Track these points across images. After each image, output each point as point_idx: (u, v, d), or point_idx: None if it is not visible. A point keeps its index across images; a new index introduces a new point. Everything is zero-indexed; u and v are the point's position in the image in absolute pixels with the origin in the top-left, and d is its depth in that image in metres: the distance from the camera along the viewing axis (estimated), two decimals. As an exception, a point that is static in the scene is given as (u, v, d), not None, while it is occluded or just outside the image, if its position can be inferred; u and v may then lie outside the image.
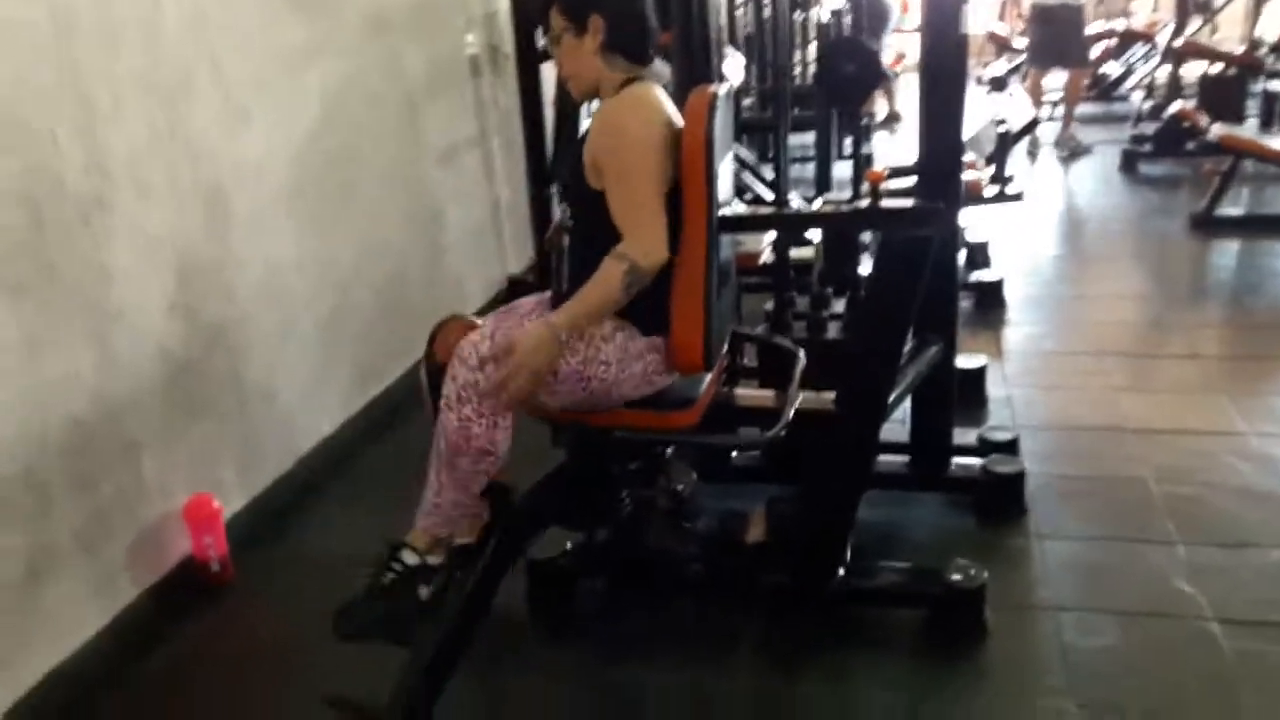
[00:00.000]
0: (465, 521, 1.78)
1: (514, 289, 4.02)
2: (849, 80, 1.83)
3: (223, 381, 2.37)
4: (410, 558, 1.74)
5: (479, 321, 1.91)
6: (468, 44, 3.63)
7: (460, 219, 3.63)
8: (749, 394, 2.10)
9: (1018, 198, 3.08)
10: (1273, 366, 3.18)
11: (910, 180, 2.32)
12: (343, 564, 1.84)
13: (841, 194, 2.72)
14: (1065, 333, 3.51)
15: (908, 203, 1.91)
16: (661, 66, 1.91)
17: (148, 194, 2.11)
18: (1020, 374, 3.14)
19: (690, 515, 2.11)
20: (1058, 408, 2.92)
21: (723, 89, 1.78)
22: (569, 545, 2.13)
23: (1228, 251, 4.35)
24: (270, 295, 2.52)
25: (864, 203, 1.82)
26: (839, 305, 2.82)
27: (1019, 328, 3.56)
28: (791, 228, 1.86)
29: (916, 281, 1.76)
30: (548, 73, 3.66)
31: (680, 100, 1.74)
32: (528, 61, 3.51)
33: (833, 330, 2.74)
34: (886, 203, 1.80)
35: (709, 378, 1.85)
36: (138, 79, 2.07)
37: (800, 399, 1.88)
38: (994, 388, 3.03)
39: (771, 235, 2.78)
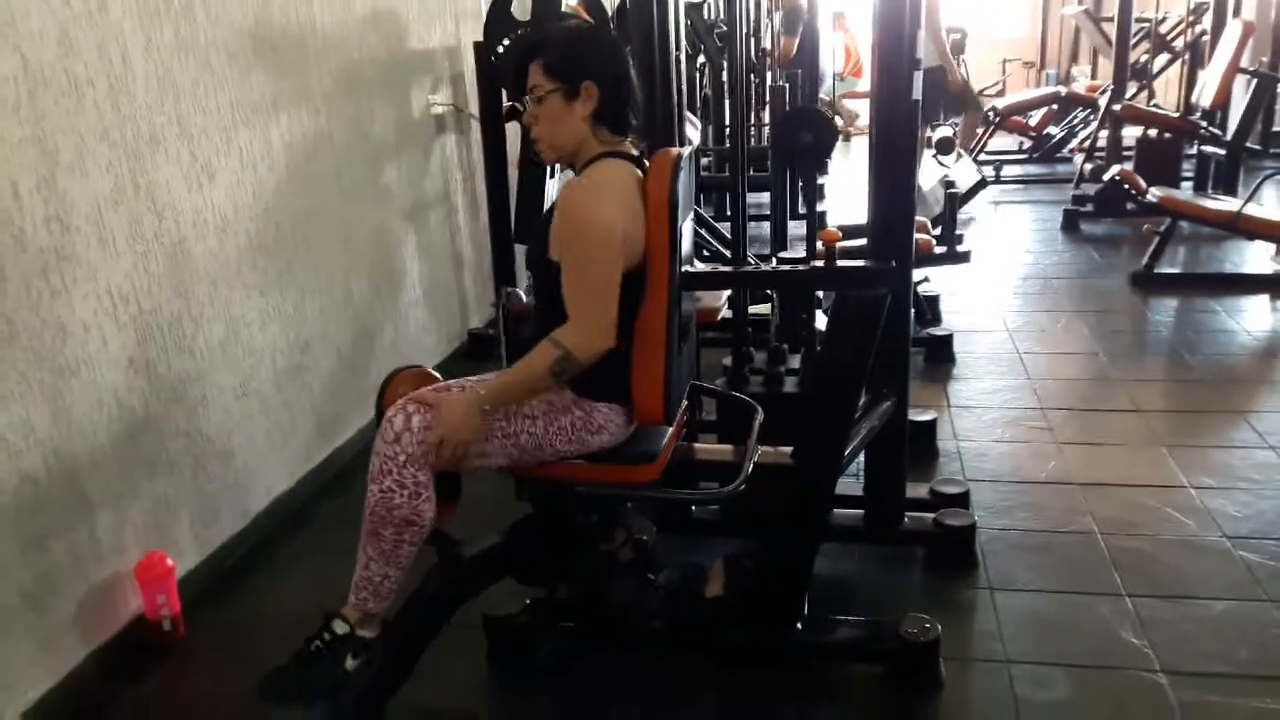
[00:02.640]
0: (396, 596, 1.79)
1: (475, 343, 4.05)
2: (806, 149, 1.90)
3: (180, 438, 2.35)
4: (340, 627, 1.77)
5: (434, 372, 1.95)
6: (434, 103, 3.68)
7: (423, 274, 3.65)
8: (708, 448, 2.13)
9: (966, 258, 3.18)
10: (1209, 420, 3.29)
11: (862, 240, 2.41)
12: (295, 623, 1.84)
13: (796, 252, 2.80)
14: (1013, 387, 3.60)
15: (860, 263, 1.98)
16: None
17: (109, 248, 2.12)
18: (970, 427, 3.22)
19: (650, 569, 2.13)
20: (1007, 461, 3.00)
21: (685, 151, 1.84)
22: (528, 601, 2.13)
23: (1166, 308, 4.51)
24: (231, 351, 2.52)
25: (819, 263, 1.88)
26: (795, 360, 2.88)
27: (968, 381, 3.65)
28: (749, 286, 1.91)
29: (870, 339, 1.81)
30: (512, 132, 3.75)
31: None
32: (493, 122, 3.58)
33: (789, 385, 2.79)
34: (841, 263, 1.86)
35: (670, 432, 1.89)
36: (103, 133, 2.09)
37: (758, 453, 1.93)
38: (944, 441, 3.10)
39: (729, 291, 2.86)
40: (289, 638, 1.79)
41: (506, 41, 2.92)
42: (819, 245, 1.92)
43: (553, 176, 3.06)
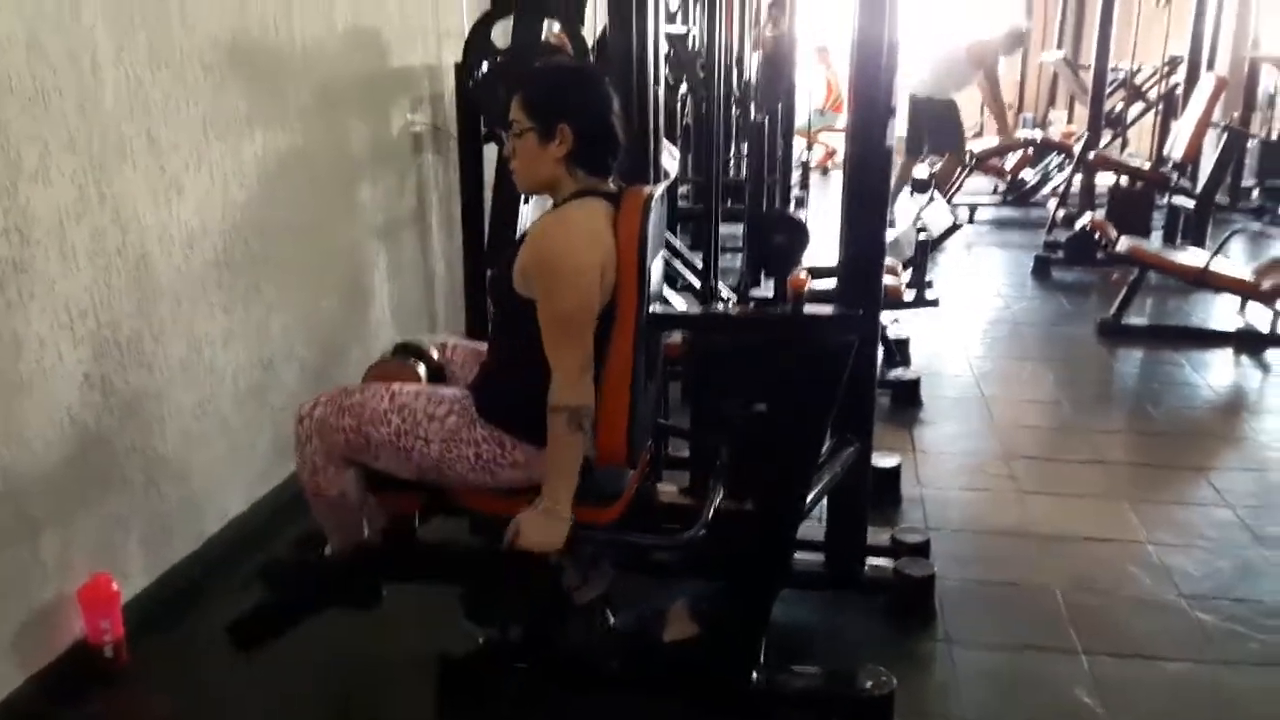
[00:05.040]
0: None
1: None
2: (779, 250, 1.91)
3: (135, 456, 2.30)
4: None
5: (417, 367, 1.96)
6: (412, 122, 3.66)
7: (395, 294, 3.62)
8: (670, 490, 2.12)
9: (935, 304, 3.20)
10: (1170, 475, 3.32)
11: (831, 281, 2.41)
12: (242, 652, 1.83)
13: (766, 290, 2.81)
14: (978, 434, 3.62)
15: (828, 310, 1.98)
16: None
17: (70, 261, 2.07)
18: (934, 474, 3.22)
19: (608, 611, 2.11)
20: (969, 510, 3.00)
21: (657, 190, 1.83)
22: (481, 641, 2.09)
23: (1132, 359, 4.56)
24: (192, 369, 2.47)
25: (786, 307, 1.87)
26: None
27: (934, 427, 3.66)
28: (716, 330, 1.91)
29: (836, 386, 1.81)
30: (489, 154, 3.73)
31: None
32: (470, 143, 3.57)
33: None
34: (808, 309, 1.86)
35: (632, 473, 1.87)
36: (69, 143, 2.05)
37: (720, 497, 1.91)
38: (908, 487, 3.10)
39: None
40: (235, 667, 1.76)
41: (485, 66, 2.91)
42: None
43: (526, 202, 3.05)
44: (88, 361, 2.14)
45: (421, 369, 1.97)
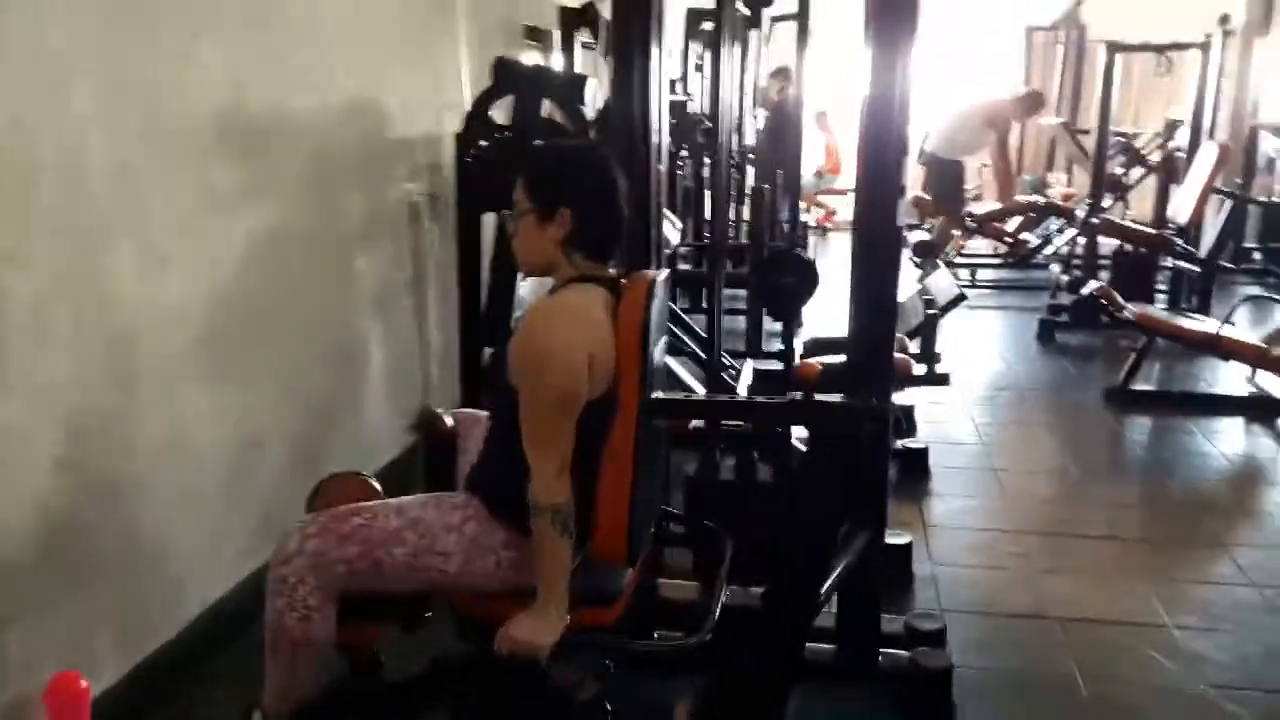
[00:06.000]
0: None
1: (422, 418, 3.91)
2: (788, 292, 1.84)
3: (109, 544, 2.19)
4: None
5: (373, 482, 1.87)
6: (409, 191, 3.61)
7: (387, 365, 3.54)
8: (673, 586, 2.02)
9: (945, 380, 3.11)
10: (1188, 552, 3.20)
11: (836, 356, 2.33)
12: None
13: (770, 362, 2.74)
14: (988, 507, 3.51)
15: (839, 398, 1.89)
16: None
17: (46, 342, 1.99)
18: (945, 551, 3.11)
19: (607, 709, 1.98)
20: (983, 590, 2.88)
21: (660, 275, 1.76)
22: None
23: (1142, 426, 4.47)
24: (173, 451, 2.37)
25: (797, 395, 1.79)
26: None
27: (943, 499, 3.55)
28: (723, 417, 1.82)
29: (851, 478, 1.72)
30: (487, 222, 3.68)
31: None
32: (467, 211, 3.51)
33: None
34: (820, 398, 1.77)
35: (630, 572, 1.77)
36: (50, 221, 1.98)
37: (725, 593, 1.81)
38: (919, 564, 2.98)
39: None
40: None
41: (484, 143, 2.87)
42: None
43: (524, 279, 2.99)
44: (60, 446, 2.04)
45: (376, 483, 1.87)
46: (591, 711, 1.94)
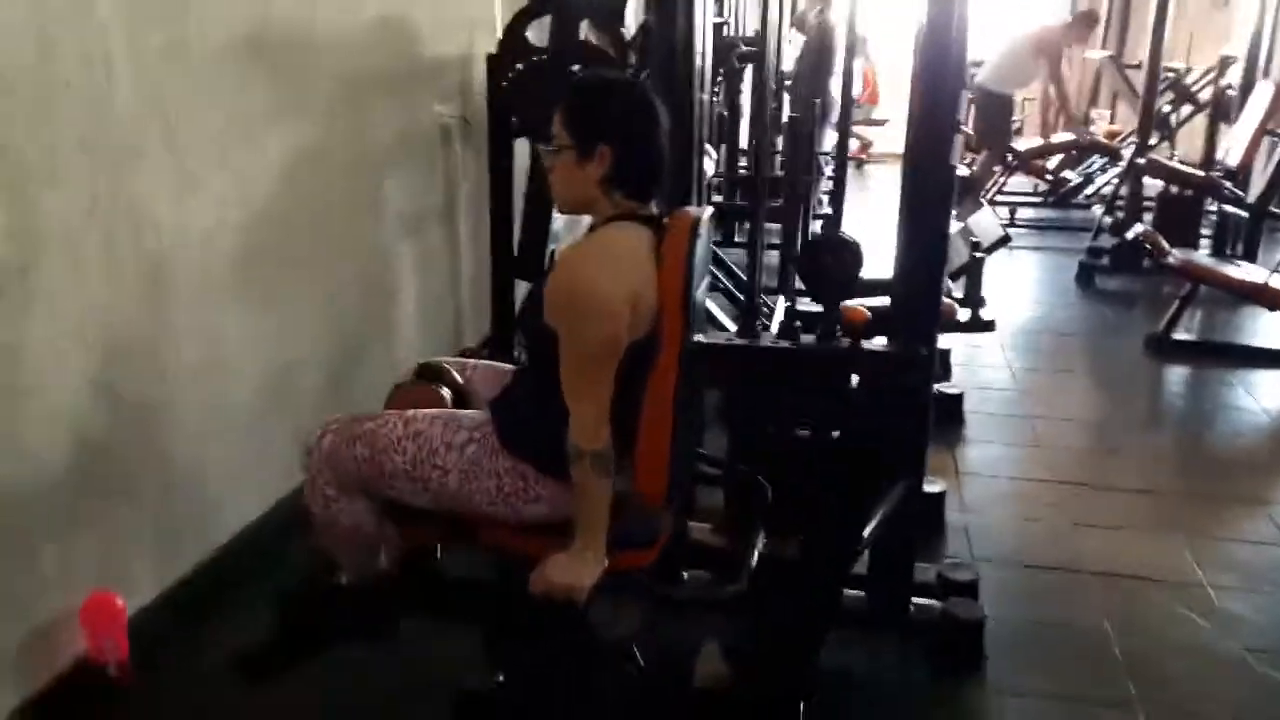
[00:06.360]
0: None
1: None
2: (831, 275, 1.77)
3: (144, 464, 2.19)
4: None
5: (441, 389, 1.85)
6: (439, 114, 3.52)
7: (419, 290, 3.50)
8: (707, 530, 1.99)
9: (991, 326, 3.03)
10: (1226, 508, 3.15)
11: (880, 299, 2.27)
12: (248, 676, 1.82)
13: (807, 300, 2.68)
14: (1022, 457, 3.46)
15: (888, 346, 1.83)
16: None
17: (80, 264, 1.96)
18: (977, 500, 3.07)
19: (635, 651, 1.98)
20: (1016, 541, 2.85)
21: (705, 213, 1.70)
22: (500, 679, 1.98)
23: (1181, 378, 4.38)
24: (207, 374, 2.36)
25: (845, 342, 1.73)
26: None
27: (976, 447, 3.50)
28: (764, 366, 1.77)
29: (898, 430, 1.67)
30: (520, 148, 3.59)
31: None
32: (499, 137, 3.43)
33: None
34: (868, 345, 1.72)
35: (667, 514, 1.74)
36: (80, 141, 1.93)
37: (762, 541, 1.78)
38: (951, 513, 2.95)
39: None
40: (245, 693, 1.79)
41: (519, 66, 2.76)
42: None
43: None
44: (95, 369, 2.02)
45: (446, 393, 1.85)
46: (621, 653, 1.94)
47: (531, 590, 1.57)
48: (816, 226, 4.62)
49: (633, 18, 3.52)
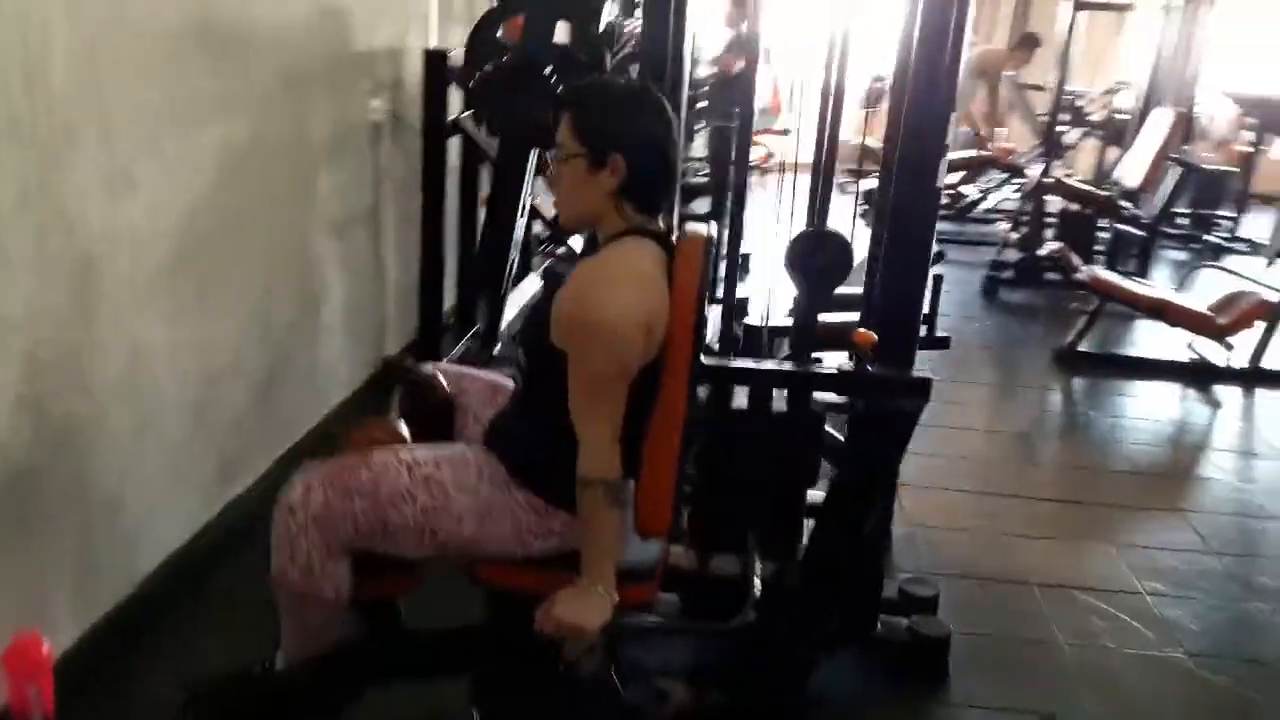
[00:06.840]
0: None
1: (389, 370, 3.71)
2: (820, 272, 1.74)
3: (65, 490, 1.99)
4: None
5: (399, 425, 1.71)
6: (372, 109, 3.36)
7: (345, 295, 3.32)
8: (683, 554, 1.93)
9: (946, 343, 3.05)
10: (1147, 518, 3.26)
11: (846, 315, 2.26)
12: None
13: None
14: (953, 467, 3.52)
15: (897, 372, 1.81)
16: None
17: (7, 267, 1.76)
18: (918, 510, 3.09)
19: (616, 682, 1.90)
20: (958, 552, 2.89)
21: (714, 232, 1.64)
22: (475, 716, 1.87)
23: (1090, 389, 4.54)
24: (132, 388, 2.16)
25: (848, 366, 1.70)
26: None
27: (909, 458, 3.53)
28: (767, 385, 1.72)
29: (897, 455, 1.65)
30: (453, 146, 3.45)
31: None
32: (434, 137, 3.28)
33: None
34: (874, 370, 1.69)
35: (662, 543, 1.67)
36: (11, 128, 1.73)
37: (758, 569, 1.73)
38: (896, 524, 2.97)
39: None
40: None
41: (489, 67, 2.63)
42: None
43: (521, 215, 2.79)
44: (18, 382, 1.82)
45: (403, 428, 1.70)
46: (600, 688, 1.86)
47: (538, 630, 1.47)
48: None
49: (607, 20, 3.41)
